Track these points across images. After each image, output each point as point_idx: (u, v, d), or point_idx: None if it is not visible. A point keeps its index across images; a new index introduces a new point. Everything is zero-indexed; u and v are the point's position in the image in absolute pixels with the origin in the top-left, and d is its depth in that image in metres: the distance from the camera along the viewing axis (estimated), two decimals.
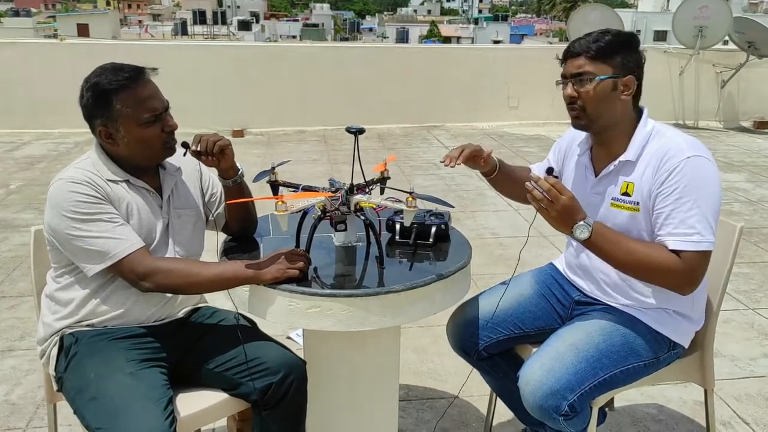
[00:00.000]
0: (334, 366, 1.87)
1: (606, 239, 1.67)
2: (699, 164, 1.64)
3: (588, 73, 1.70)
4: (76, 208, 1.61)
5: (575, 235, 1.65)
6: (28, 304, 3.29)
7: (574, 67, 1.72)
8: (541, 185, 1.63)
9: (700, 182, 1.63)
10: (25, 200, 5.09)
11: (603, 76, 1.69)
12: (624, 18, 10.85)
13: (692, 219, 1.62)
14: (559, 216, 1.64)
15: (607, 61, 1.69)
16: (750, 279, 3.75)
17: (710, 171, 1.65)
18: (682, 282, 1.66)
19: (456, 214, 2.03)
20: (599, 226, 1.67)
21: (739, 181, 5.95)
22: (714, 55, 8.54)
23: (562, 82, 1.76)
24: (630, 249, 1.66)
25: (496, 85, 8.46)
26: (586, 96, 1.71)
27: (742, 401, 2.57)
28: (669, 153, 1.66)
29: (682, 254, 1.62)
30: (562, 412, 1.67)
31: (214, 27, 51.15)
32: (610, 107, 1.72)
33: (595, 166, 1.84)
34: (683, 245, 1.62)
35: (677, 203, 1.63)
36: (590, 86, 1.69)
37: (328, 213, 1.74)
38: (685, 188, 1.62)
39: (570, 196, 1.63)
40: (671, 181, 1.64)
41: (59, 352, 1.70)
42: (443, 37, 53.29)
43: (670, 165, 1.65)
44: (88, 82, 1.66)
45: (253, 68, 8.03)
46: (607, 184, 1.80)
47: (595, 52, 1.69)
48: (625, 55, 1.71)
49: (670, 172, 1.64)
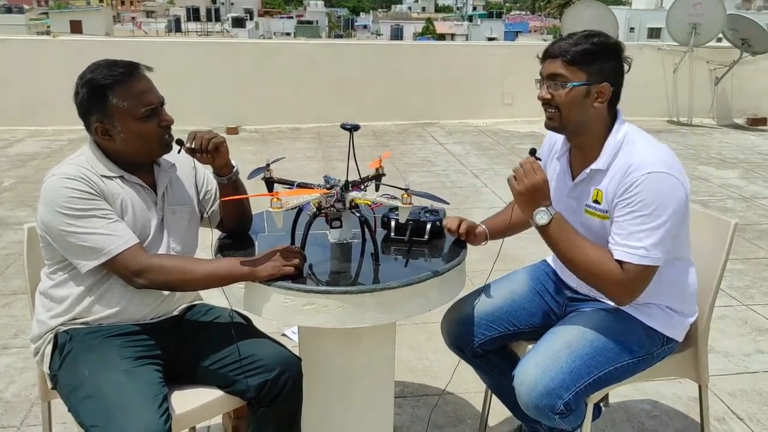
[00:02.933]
0: (329, 363, 1.87)
1: (562, 232, 1.69)
2: (658, 180, 1.62)
3: (561, 76, 1.68)
4: (69, 203, 1.60)
5: (535, 219, 1.69)
6: (22, 302, 3.27)
7: (549, 69, 1.71)
8: (522, 162, 1.69)
9: (656, 198, 1.62)
10: (18, 198, 5.07)
11: (576, 82, 1.67)
12: (618, 15, 10.86)
13: (641, 233, 1.62)
14: (526, 192, 1.67)
15: (583, 67, 1.67)
16: (744, 275, 3.76)
17: (669, 187, 1.62)
18: (619, 292, 1.68)
19: (451, 211, 2.03)
20: (560, 218, 1.70)
21: (733, 177, 5.97)
22: (708, 53, 8.56)
23: (538, 81, 1.76)
24: (581, 249, 1.68)
25: (490, 82, 8.47)
26: (559, 99, 1.70)
27: (736, 397, 2.58)
28: (632, 167, 1.65)
29: (625, 266, 1.64)
30: (557, 410, 1.68)
31: (207, 24, 50.97)
32: (581, 112, 1.71)
33: (573, 170, 1.85)
34: (627, 257, 1.64)
35: (629, 216, 1.64)
36: (563, 91, 1.69)
37: (324, 210, 1.74)
38: (640, 203, 1.62)
39: (542, 178, 1.68)
40: (628, 194, 1.64)
41: (53, 349, 1.69)
42: (438, 34, 53.26)
43: (630, 179, 1.64)
44: (83, 78, 1.65)
45: (248, 65, 8.01)
46: (582, 190, 1.80)
47: (572, 57, 1.67)
48: (604, 63, 1.68)
49: (628, 187, 1.64)
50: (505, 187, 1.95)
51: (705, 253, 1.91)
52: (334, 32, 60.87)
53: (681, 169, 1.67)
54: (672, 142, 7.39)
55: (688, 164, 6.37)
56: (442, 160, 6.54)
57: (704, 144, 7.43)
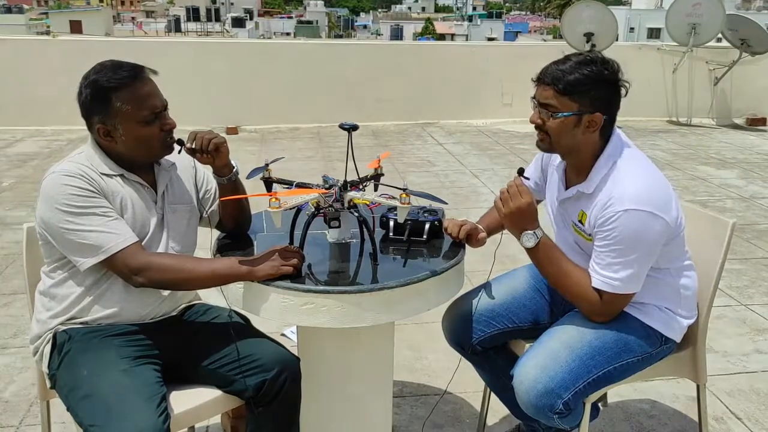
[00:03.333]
0: (328, 363, 1.87)
1: (547, 256, 1.76)
2: (633, 218, 1.62)
3: (552, 106, 1.67)
4: (69, 201, 1.60)
5: (522, 241, 1.75)
6: (21, 302, 3.28)
7: (541, 95, 1.70)
8: (509, 184, 1.72)
9: (631, 237, 1.63)
10: (18, 197, 5.07)
11: (566, 113, 1.66)
12: (618, 15, 10.86)
13: (617, 266, 1.66)
14: (511, 215, 1.73)
15: (575, 97, 1.64)
16: (742, 275, 3.76)
17: (644, 226, 1.62)
18: (596, 315, 1.76)
19: (450, 211, 2.04)
20: (546, 241, 1.75)
21: (732, 177, 5.98)
22: (707, 53, 8.55)
23: (532, 102, 1.75)
24: (564, 272, 1.75)
25: (490, 83, 8.46)
26: (549, 126, 1.70)
27: (734, 396, 2.59)
28: (611, 200, 1.65)
29: (602, 293, 1.71)
30: (556, 410, 1.68)
31: (207, 24, 51.00)
32: (571, 139, 1.70)
33: (566, 181, 1.85)
34: (604, 287, 1.70)
35: (607, 248, 1.67)
36: (553, 120, 1.68)
37: (322, 210, 1.74)
38: (615, 239, 1.65)
39: (527, 202, 1.71)
40: (605, 228, 1.66)
41: (52, 349, 1.69)
42: (438, 34, 53.26)
43: (607, 213, 1.65)
44: (87, 79, 1.65)
45: (248, 65, 8.00)
46: (569, 207, 1.82)
47: (563, 87, 1.63)
48: (597, 92, 1.64)
49: (605, 220, 1.65)
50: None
51: (703, 252, 1.91)
52: (334, 32, 60.90)
53: (664, 202, 1.65)
54: (671, 142, 7.40)
55: (688, 164, 6.37)
56: (442, 160, 6.54)
57: (703, 144, 7.43)
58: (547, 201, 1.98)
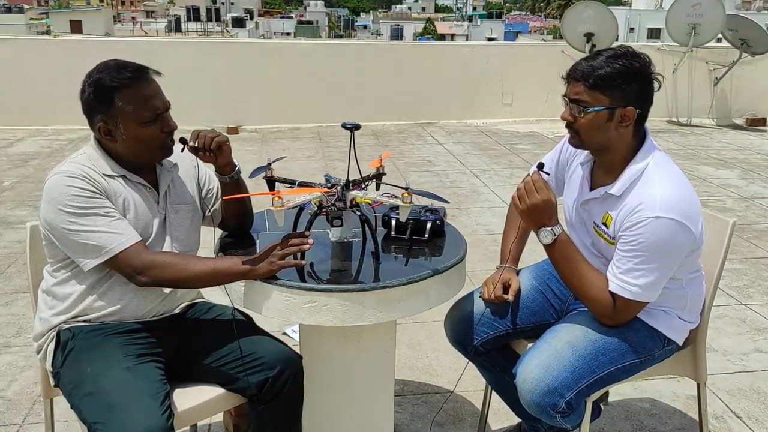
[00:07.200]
0: (330, 361, 1.88)
1: (564, 253, 1.74)
2: (662, 226, 1.61)
3: (583, 102, 1.66)
4: (72, 202, 1.61)
5: (539, 236, 1.73)
6: (24, 301, 3.28)
7: (572, 92, 1.68)
8: (526, 179, 1.71)
9: (657, 244, 1.62)
10: (19, 197, 5.08)
11: (597, 107, 1.64)
12: (618, 16, 10.86)
13: (638, 272, 1.65)
14: (529, 212, 1.71)
15: (606, 91, 1.63)
16: (742, 275, 3.77)
17: (672, 235, 1.61)
18: (607, 319, 1.74)
19: (451, 211, 2.04)
20: (564, 239, 1.73)
21: (732, 177, 5.98)
22: (707, 53, 8.56)
23: (563, 100, 1.73)
24: (580, 272, 1.74)
25: (490, 82, 8.47)
26: (580, 123, 1.68)
27: (735, 395, 2.60)
28: (642, 205, 1.63)
29: (617, 298, 1.69)
30: (559, 409, 1.68)
31: (207, 24, 50.99)
32: (603, 135, 1.68)
33: (592, 182, 1.82)
34: (621, 292, 1.68)
35: (630, 253, 1.65)
36: (584, 115, 1.66)
37: (324, 209, 1.75)
38: (641, 245, 1.63)
39: (542, 199, 1.69)
40: (631, 232, 1.64)
41: (56, 347, 1.70)
42: (438, 34, 53.26)
43: (636, 218, 1.63)
44: (91, 77, 1.66)
45: (248, 65, 8.01)
46: (594, 207, 1.80)
47: (593, 82, 1.63)
48: (628, 86, 1.63)
49: (632, 225, 1.64)
50: (505, 187, 1.96)
51: (704, 252, 1.91)
52: (334, 32, 60.89)
53: (694, 213, 1.64)
54: (671, 142, 7.40)
55: (688, 164, 6.38)
56: (442, 159, 6.55)
57: (703, 144, 7.44)
58: (565, 199, 1.95)
